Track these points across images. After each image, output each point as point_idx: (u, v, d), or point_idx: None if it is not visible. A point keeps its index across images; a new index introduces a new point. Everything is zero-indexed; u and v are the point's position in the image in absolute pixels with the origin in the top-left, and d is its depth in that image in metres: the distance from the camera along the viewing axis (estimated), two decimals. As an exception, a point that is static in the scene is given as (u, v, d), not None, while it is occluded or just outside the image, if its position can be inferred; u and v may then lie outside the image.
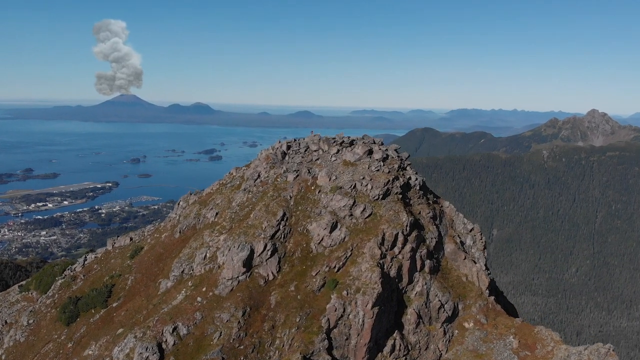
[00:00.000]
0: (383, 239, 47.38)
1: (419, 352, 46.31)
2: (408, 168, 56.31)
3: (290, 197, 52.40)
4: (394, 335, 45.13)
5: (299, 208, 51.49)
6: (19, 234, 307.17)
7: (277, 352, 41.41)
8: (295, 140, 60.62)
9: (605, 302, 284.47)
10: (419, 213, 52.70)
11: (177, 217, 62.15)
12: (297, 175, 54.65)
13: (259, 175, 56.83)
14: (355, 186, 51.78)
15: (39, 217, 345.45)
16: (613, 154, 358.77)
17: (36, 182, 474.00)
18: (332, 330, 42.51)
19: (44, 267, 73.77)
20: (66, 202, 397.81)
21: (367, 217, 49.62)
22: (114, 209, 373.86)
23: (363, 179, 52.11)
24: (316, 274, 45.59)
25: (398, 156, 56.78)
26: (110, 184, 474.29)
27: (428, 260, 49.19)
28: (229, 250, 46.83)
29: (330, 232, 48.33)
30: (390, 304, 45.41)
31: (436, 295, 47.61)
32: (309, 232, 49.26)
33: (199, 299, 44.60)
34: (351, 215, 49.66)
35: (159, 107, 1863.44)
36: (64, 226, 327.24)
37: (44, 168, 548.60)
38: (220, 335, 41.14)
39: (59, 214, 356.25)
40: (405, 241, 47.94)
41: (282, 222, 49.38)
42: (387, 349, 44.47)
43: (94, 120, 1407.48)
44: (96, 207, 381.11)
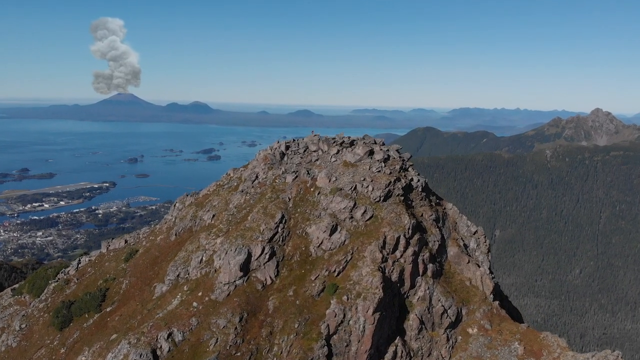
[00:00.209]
0: (384, 242, 46.90)
1: (422, 359, 45.75)
2: (410, 169, 55.73)
3: (289, 199, 51.96)
4: (396, 341, 44.58)
5: (298, 210, 51.04)
6: (15, 234, 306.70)
7: (275, 359, 40.92)
8: (294, 140, 60.00)
9: (609, 304, 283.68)
10: (422, 215, 52.20)
11: (173, 219, 61.51)
12: (296, 177, 54.21)
13: (256, 177, 56.29)
14: (355, 188, 51.33)
15: (35, 217, 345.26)
16: (617, 154, 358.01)
17: (32, 182, 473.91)
18: (332, 337, 42.03)
19: (37, 270, 73.16)
20: (62, 203, 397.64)
21: (367, 220, 49.17)
22: (111, 210, 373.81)
23: (364, 180, 51.69)
24: (315, 279, 45.10)
25: (400, 157, 56.18)
26: (107, 184, 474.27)
27: (431, 264, 48.69)
28: (226, 253, 46.31)
29: (330, 235, 47.90)
30: (392, 309, 44.85)
31: (439, 300, 47.06)
32: (308, 235, 48.84)
33: (194, 304, 44.13)
34: (351, 217, 49.24)
35: (156, 106, 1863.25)
36: (60, 227, 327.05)
37: (40, 168, 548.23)
38: (217, 341, 40.66)
39: (55, 214, 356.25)
40: (407, 244, 47.46)
41: (281, 225, 48.97)
42: (388, 355, 43.94)
43: (91, 120, 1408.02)
44: (93, 207, 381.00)
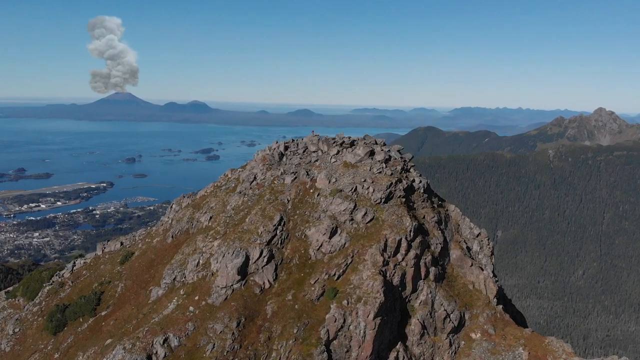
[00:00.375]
0: (385, 245, 46.39)
1: (424, 364, 45.08)
2: (412, 170, 55.20)
3: (288, 201, 51.50)
4: (397, 347, 44.06)
5: (297, 212, 50.56)
6: (11, 235, 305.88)
7: (273, 365, 40.18)
8: (293, 140, 59.49)
9: (612, 306, 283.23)
10: (423, 217, 51.68)
11: (170, 221, 60.98)
12: (295, 178, 53.74)
13: (255, 178, 55.77)
14: (356, 189, 50.83)
15: (32, 218, 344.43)
16: (621, 154, 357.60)
17: (29, 183, 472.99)
18: (332, 342, 41.50)
19: (32, 272, 72.59)
20: (59, 203, 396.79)
21: (368, 222, 48.65)
22: (109, 210, 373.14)
23: (364, 181, 51.20)
24: (315, 282, 44.58)
25: (401, 157, 55.65)
26: (104, 184, 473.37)
27: (433, 268, 48.17)
28: (223, 256, 45.83)
29: (330, 237, 47.39)
30: (393, 314, 44.33)
31: (441, 305, 46.53)
32: (308, 238, 48.34)
33: (191, 308, 43.65)
34: (352, 219, 48.72)
35: (154, 106, 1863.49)
36: (57, 227, 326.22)
37: (36, 168, 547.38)
38: (214, 347, 40.14)
39: (52, 215, 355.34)
40: (409, 247, 46.94)
41: (279, 227, 48.52)
42: (389, 361, 43.24)
43: (89, 119, 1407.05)
44: (90, 208, 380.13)
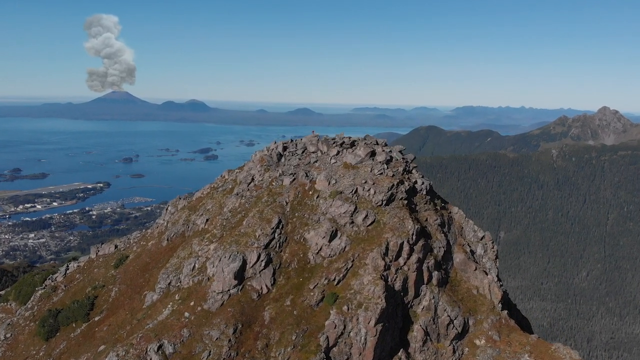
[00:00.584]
0: (387, 248, 45.77)
1: (426, 372, 44.33)
2: (414, 171, 54.53)
3: (286, 203, 50.98)
4: (399, 354, 43.47)
5: (296, 215, 50.02)
6: (6, 236, 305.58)
7: (271, 373, 39.46)
8: (292, 140, 58.84)
9: (617, 308, 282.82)
10: (426, 220, 51.05)
11: (165, 224, 60.28)
12: (294, 179, 53.20)
13: (252, 179, 55.12)
14: (356, 191, 50.28)
15: (27, 219, 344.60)
16: (625, 153, 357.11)
17: (24, 183, 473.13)
18: (332, 349, 40.88)
19: (24, 276, 71.87)
20: (55, 204, 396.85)
21: (369, 225, 48.07)
22: (106, 211, 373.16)
23: (365, 183, 50.64)
24: (314, 287, 43.95)
25: (403, 158, 55.01)
26: (101, 185, 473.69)
27: (436, 272, 47.57)
28: (220, 260, 45.16)
29: (330, 241, 46.83)
30: (395, 320, 43.69)
31: (445, 310, 45.87)
32: (307, 241, 47.80)
33: (186, 314, 43.08)
34: (352, 222, 48.16)
35: (152, 105, 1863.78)
36: (53, 228, 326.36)
37: (32, 168, 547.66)
38: (210, 354, 39.53)
39: (48, 215, 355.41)
40: (411, 251, 46.31)
41: (277, 230, 47.98)
42: (391, 369, 42.54)
43: (85, 118, 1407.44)
44: (87, 208, 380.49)
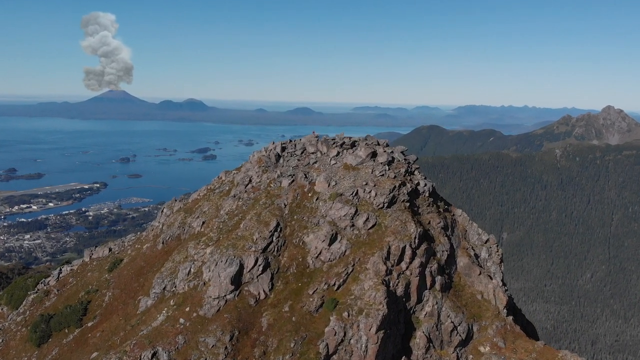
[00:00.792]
0: (388, 252, 45.44)
1: (429, 380, 43.65)
2: (416, 172, 53.99)
3: (285, 205, 50.68)
4: (401, 361, 42.52)
5: (295, 217, 49.75)
6: (1, 237, 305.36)
7: (268, 382, 38.81)
8: (290, 141, 58.26)
9: (621, 310, 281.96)
10: (429, 223, 50.53)
11: (161, 226, 59.67)
12: (293, 181, 52.81)
13: (250, 180, 54.58)
14: (357, 193, 49.97)
15: (23, 219, 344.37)
16: (630, 153, 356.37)
17: (20, 183, 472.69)
18: (331, 357, 40.54)
19: (16, 279, 71.14)
20: (51, 204, 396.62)
21: (370, 228, 47.78)
22: (102, 211, 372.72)
23: (366, 184, 50.34)
24: (313, 293, 43.64)
25: (405, 159, 54.45)
26: (98, 185, 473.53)
27: (439, 277, 47.12)
28: (216, 265, 44.65)
29: (330, 244, 46.51)
30: (397, 326, 43.14)
31: (448, 316, 45.33)
32: (306, 245, 47.48)
33: (181, 320, 42.69)
34: (353, 225, 47.83)
35: (149, 104, 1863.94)
36: (49, 229, 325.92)
37: (28, 168, 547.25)
38: (205, 362, 38.56)
39: (43, 216, 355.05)
40: (414, 255, 45.94)
41: (276, 234, 47.71)
42: (393, 377, 41.87)
43: (81, 118, 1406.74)
44: (83, 209, 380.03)
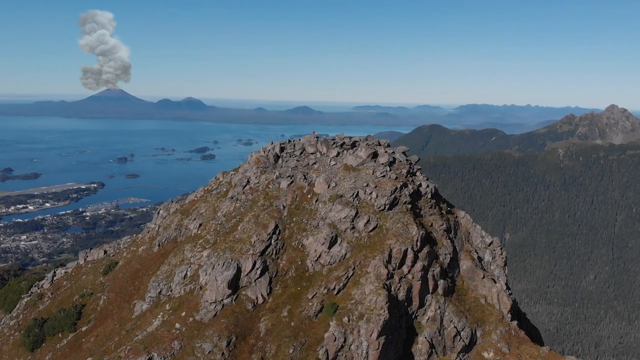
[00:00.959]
0: (390, 255, 45.07)
1: (432, 386, 43.15)
2: (418, 173, 53.53)
3: (284, 207, 50.41)
4: (403, 367, 41.99)
5: (294, 219, 49.48)
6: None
7: (267, 389, 38.30)
8: (289, 141, 57.85)
9: (625, 312, 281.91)
10: (431, 225, 50.11)
11: (157, 228, 59.20)
12: (292, 182, 52.51)
13: (248, 181, 54.16)
14: (357, 194, 49.64)
15: (19, 220, 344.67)
16: (634, 153, 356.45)
17: (16, 183, 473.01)
18: (331, 364, 39.37)
19: (10, 282, 70.62)
20: (48, 204, 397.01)
21: (371, 231, 47.45)
22: (99, 212, 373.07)
23: (367, 186, 50.02)
24: (313, 297, 43.24)
25: (407, 160, 54.02)
26: (95, 185, 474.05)
27: (442, 280, 46.72)
28: (213, 268, 44.20)
29: (329, 247, 46.18)
30: (399, 332, 42.74)
31: (451, 321, 44.93)
32: (305, 248, 47.18)
33: (177, 325, 42.33)
34: (353, 228, 47.51)
35: (147, 103, 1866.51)
36: (45, 230, 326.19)
37: (24, 168, 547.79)
38: (201, 369, 38.03)
39: (40, 217, 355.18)
40: (416, 258, 45.57)
41: (274, 236, 47.41)
42: (394, 384, 41.35)
43: (78, 117, 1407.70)
44: (80, 209, 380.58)
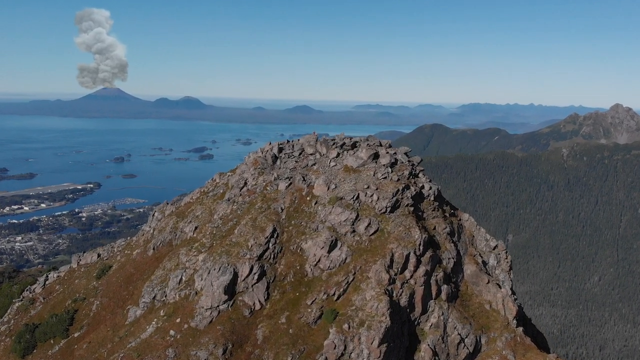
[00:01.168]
0: (392, 260, 44.60)
1: (435, 395, 42.47)
2: (420, 175, 53.00)
3: (282, 210, 49.96)
4: (405, 376, 41.34)
5: (292, 223, 49.03)
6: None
7: (264, 399, 37.67)
8: (288, 141, 57.30)
9: (630, 314, 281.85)
10: (434, 228, 49.63)
11: (151, 231, 58.60)
12: (290, 184, 52.09)
13: (245, 183, 53.63)
14: (358, 197, 49.20)
15: (14, 221, 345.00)
16: (639, 153, 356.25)
17: (11, 183, 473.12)
18: (331, 372, 38.73)
19: (1, 286, 69.95)
20: (44, 205, 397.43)
21: (372, 234, 46.98)
22: (96, 213, 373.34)
23: (368, 188, 49.56)
24: (312, 303, 42.82)
25: (409, 161, 53.46)
26: (91, 185, 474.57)
27: (445, 285, 46.27)
28: (209, 273, 43.72)
29: (329, 251, 45.69)
30: (401, 339, 42.28)
31: (455, 328, 44.42)
32: (304, 252, 46.70)
33: (171, 332, 42.00)
34: (354, 231, 47.07)
35: (145, 102, 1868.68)
36: (41, 231, 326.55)
37: (19, 168, 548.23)
38: (196, 378, 37.44)
39: (35, 217, 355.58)
40: (418, 263, 45.15)
41: (272, 240, 46.91)
42: (396, 393, 40.70)
43: (74, 116, 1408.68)
44: (76, 210, 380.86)
